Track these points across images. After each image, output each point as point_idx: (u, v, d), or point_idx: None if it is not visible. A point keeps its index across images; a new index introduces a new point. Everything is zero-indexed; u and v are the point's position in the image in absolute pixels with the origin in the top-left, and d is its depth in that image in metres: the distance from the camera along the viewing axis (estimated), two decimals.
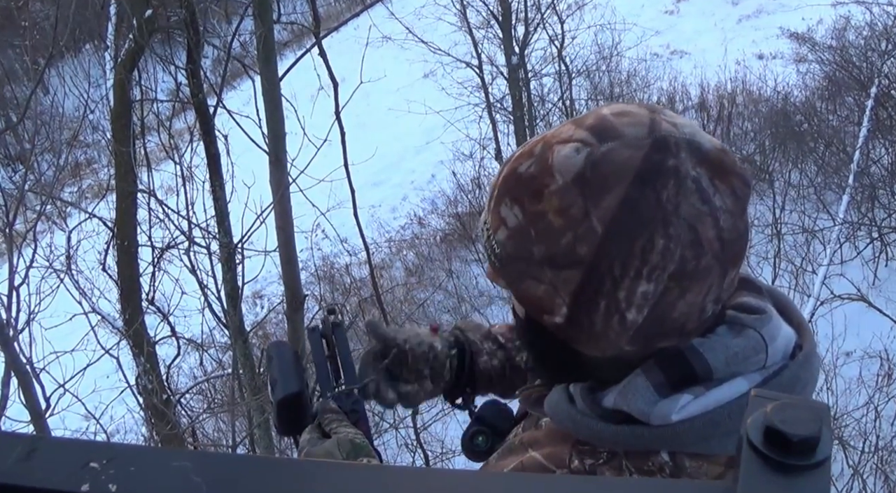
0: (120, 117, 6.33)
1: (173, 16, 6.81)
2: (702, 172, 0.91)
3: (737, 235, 0.93)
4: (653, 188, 0.90)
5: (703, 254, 0.91)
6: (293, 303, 6.11)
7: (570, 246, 0.92)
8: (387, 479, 0.54)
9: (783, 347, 1.01)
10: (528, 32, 11.89)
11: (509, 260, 0.98)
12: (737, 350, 0.97)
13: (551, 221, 0.93)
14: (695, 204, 0.90)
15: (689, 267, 0.91)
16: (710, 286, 0.93)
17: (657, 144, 0.91)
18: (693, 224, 0.90)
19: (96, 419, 6.14)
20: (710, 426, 0.95)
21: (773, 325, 1.01)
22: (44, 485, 0.51)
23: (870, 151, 10.27)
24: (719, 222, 0.91)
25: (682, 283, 0.92)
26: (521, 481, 0.59)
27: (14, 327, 5.23)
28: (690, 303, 0.93)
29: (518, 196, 0.96)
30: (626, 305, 0.92)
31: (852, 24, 12.68)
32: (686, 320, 0.95)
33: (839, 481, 6.76)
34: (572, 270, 0.92)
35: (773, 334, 1.00)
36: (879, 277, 9.45)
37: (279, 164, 5.63)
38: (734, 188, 0.93)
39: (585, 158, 0.92)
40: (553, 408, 1.05)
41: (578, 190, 0.92)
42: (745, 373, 0.98)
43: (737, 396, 0.96)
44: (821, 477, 0.51)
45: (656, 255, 0.90)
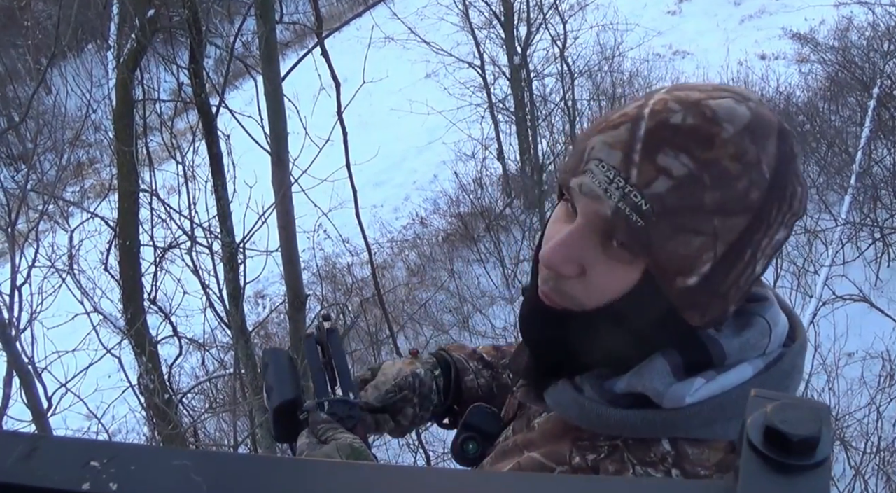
0: (122, 117, 6.33)
1: (176, 16, 6.82)
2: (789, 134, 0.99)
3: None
4: (788, 142, 0.96)
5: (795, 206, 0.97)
6: (295, 303, 6.11)
7: (745, 191, 0.93)
8: (388, 478, 0.54)
9: (781, 333, 1.04)
10: (531, 32, 11.90)
11: (667, 213, 0.92)
12: (748, 337, 1.01)
13: (727, 168, 0.92)
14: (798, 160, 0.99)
15: (801, 215, 0.98)
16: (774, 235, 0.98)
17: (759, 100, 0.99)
18: (801, 176, 0.99)
19: (98, 419, 6.14)
20: (717, 410, 0.97)
21: (775, 310, 1.04)
22: (44, 484, 0.51)
23: (872, 152, 10.26)
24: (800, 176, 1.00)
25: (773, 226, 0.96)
26: (523, 480, 0.59)
27: (16, 327, 5.24)
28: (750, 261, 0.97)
29: (683, 145, 0.92)
30: (761, 255, 0.96)
31: (855, 24, 12.67)
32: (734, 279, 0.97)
33: (841, 482, 6.75)
34: (741, 216, 0.93)
35: (776, 320, 1.03)
36: (882, 277, 9.44)
37: (281, 164, 5.62)
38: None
39: (749, 109, 0.95)
40: (557, 397, 1.04)
41: (749, 137, 0.93)
42: (749, 359, 1.01)
43: (741, 381, 0.99)
44: (821, 477, 0.51)
45: (798, 201, 0.97)
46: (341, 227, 7.21)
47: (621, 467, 0.97)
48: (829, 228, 9.24)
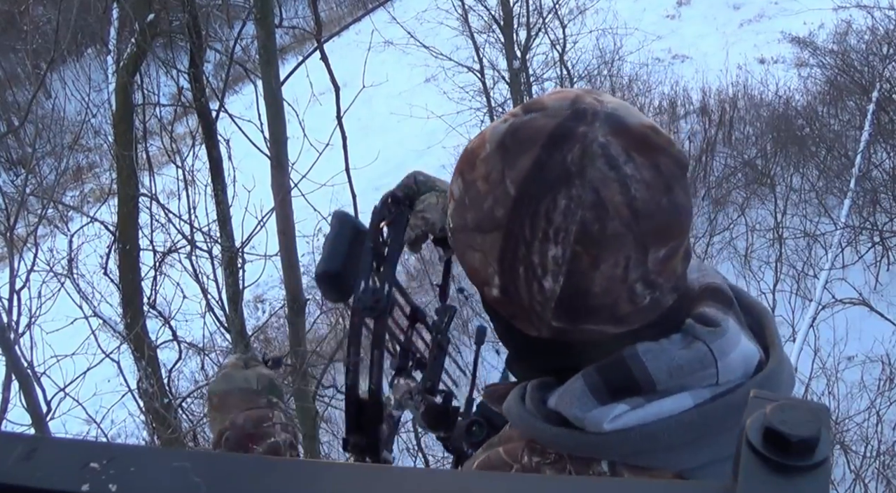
0: (122, 121, 6.33)
1: (175, 20, 6.82)
2: (613, 141, 0.91)
3: (656, 209, 0.91)
4: (559, 151, 0.91)
5: (608, 218, 0.89)
6: (294, 307, 6.10)
7: (491, 209, 0.94)
8: (387, 479, 0.54)
9: (741, 364, 0.97)
10: (530, 37, 11.91)
11: (455, 232, 1.00)
12: (681, 363, 0.94)
13: (479, 188, 0.96)
14: (600, 168, 0.90)
15: (593, 230, 0.89)
16: (626, 259, 0.91)
17: (574, 113, 0.93)
18: (596, 187, 0.89)
19: (97, 423, 6.14)
20: (647, 440, 0.93)
21: (727, 340, 0.96)
22: (44, 485, 0.52)
23: (871, 156, 10.28)
24: (630, 190, 0.90)
25: (589, 248, 0.90)
26: (521, 481, 0.59)
27: (15, 331, 5.23)
28: (609, 276, 0.91)
29: (461, 168, 1.00)
30: (541, 271, 0.92)
31: (854, 28, 12.69)
32: (614, 300, 0.93)
33: (841, 485, 6.75)
34: (494, 233, 0.94)
35: (725, 350, 0.96)
36: (881, 281, 9.45)
37: (281, 168, 5.62)
38: (657, 164, 0.92)
39: (508, 126, 0.96)
40: (507, 406, 1.05)
41: (500, 155, 0.95)
42: (693, 388, 0.95)
43: (679, 411, 0.93)
44: (820, 478, 0.51)
45: (559, 215, 0.90)
46: None
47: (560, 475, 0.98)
48: (828, 232, 9.25)
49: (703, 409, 0.94)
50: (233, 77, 9.02)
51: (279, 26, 5.82)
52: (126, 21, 6.38)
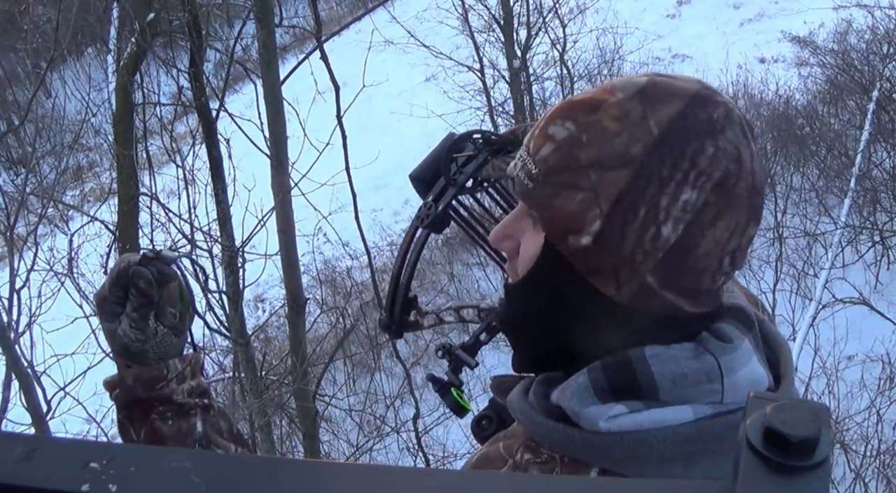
0: (122, 121, 6.34)
1: (175, 19, 6.82)
2: (740, 121, 0.95)
3: (762, 189, 0.95)
4: (705, 109, 0.93)
5: (742, 177, 0.93)
6: (294, 306, 6.11)
7: (624, 146, 0.92)
8: (387, 478, 0.54)
9: (748, 385, 0.95)
10: (530, 36, 11.90)
11: (548, 174, 0.96)
12: (687, 372, 0.93)
13: (606, 126, 0.94)
14: (737, 132, 0.93)
15: (730, 184, 0.92)
16: (737, 224, 0.93)
17: (707, 87, 0.97)
18: (737, 145, 0.93)
19: (97, 423, 6.13)
20: (641, 447, 0.92)
21: (737, 357, 0.95)
22: (44, 485, 0.52)
23: (871, 155, 10.27)
24: (754, 159, 0.94)
25: (719, 200, 0.92)
26: (520, 481, 0.59)
27: (15, 330, 5.23)
28: (717, 238, 0.92)
29: (571, 114, 0.97)
30: (664, 215, 0.91)
31: (854, 27, 12.68)
32: (706, 267, 0.93)
33: (841, 485, 6.75)
34: (621, 170, 0.92)
35: (733, 367, 0.94)
36: (881, 280, 9.45)
37: (281, 167, 5.62)
38: (759, 154, 0.97)
39: (647, 79, 0.96)
40: (510, 398, 1.04)
41: (638, 100, 0.94)
42: (696, 402, 0.93)
43: (678, 423, 0.92)
44: (820, 478, 0.51)
45: (706, 159, 0.91)
46: (341, 230, 7.21)
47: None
48: (828, 232, 9.25)
49: (702, 424, 0.92)
50: (233, 76, 9.02)
51: (279, 25, 5.82)
52: (126, 20, 6.38)
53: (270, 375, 7.10)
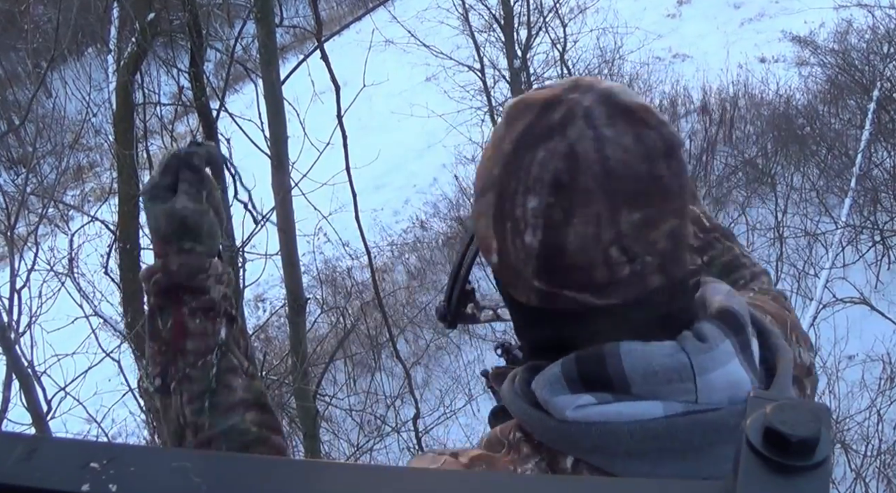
0: (122, 120, 6.34)
1: (176, 19, 6.82)
2: (598, 108, 0.95)
3: (630, 173, 0.93)
4: (548, 114, 0.96)
5: (579, 171, 0.93)
6: (295, 306, 6.11)
7: (489, 169, 1.00)
8: (387, 478, 0.54)
9: (724, 387, 0.94)
10: (531, 36, 11.91)
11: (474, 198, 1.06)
12: (657, 369, 0.93)
13: (485, 153, 1.03)
14: (579, 126, 0.94)
15: (564, 180, 0.93)
16: (597, 216, 0.93)
17: (572, 86, 0.99)
18: (572, 142, 0.94)
19: (97, 423, 6.14)
20: (608, 438, 0.92)
21: (711, 358, 0.94)
22: (44, 485, 0.52)
23: (872, 155, 10.27)
24: (605, 149, 0.93)
25: (561, 199, 0.93)
26: (520, 480, 0.59)
27: (15, 330, 5.23)
28: (582, 234, 0.93)
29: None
30: (523, 224, 0.95)
31: (854, 27, 12.69)
32: (590, 261, 0.94)
33: (841, 484, 6.76)
34: (490, 193, 0.99)
35: (707, 367, 0.93)
36: (882, 280, 9.45)
37: (281, 167, 5.62)
38: (640, 134, 0.94)
39: (518, 98, 1.03)
40: (502, 387, 1.07)
41: (504, 121, 1.01)
42: (668, 400, 0.93)
43: (646, 417, 0.92)
44: (820, 478, 0.51)
45: (536, 165, 0.94)
46: (341, 230, 7.21)
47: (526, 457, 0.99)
48: (829, 231, 9.25)
49: (672, 421, 0.92)
50: (233, 76, 9.02)
51: (279, 25, 5.82)
52: (126, 20, 6.38)
53: (271, 375, 7.10)
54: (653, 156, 0.94)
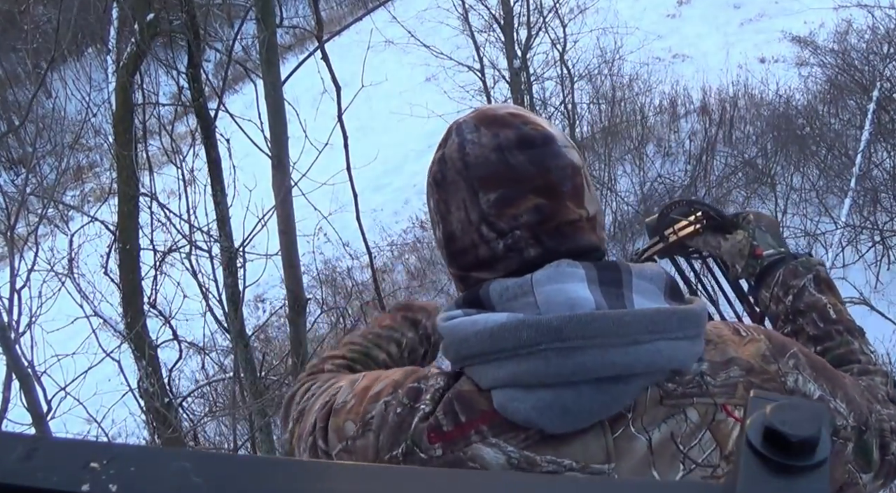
0: (122, 121, 6.33)
1: (175, 19, 6.82)
2: (469, 120, 1.19)
3: (483, 162, 1.14)
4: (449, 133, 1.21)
5: (447, 168, 1.17)
6: (295, 307, 6.12)
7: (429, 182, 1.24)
8: (388, 478, 0.54)
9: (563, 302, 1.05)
10: (531, 36, 11.90)
11: None
12: (508, 286, 1.09)
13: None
14: (453, 138, 1.19)
15: (438, 177, 1.18)
16: (464, 201, 1.15)
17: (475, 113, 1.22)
18: (444, 150, 1.19)
19: (98, 423, 6.14)
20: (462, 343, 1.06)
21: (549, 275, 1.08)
22: (44, 485, 0.51)
23: (872, 155, 10.27)
24: (465, 148, 1.16)
25: (441, 193, 1.18)
26: (523, 480, 0.59)
27: (15, 330, 5.24)
28: (459, 218, 1.16)
29: None
30: (433, 221, 1.21)
31: (854, 27, 12.68)
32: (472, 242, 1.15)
33: None
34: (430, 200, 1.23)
35: (543, 282, 1.08)
36: (882, 280, 9.44)
37: (281, 167, 5.63)
38: (497, 133, 1.15)
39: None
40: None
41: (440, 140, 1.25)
42: (514, 311, 1.06)
43: (492, 323, 1.04)
44: (820, 478, 0.51)
45: (428, 173, 1.21)
46: (341, 230, 7.21)
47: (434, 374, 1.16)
48: (829, 231, 9.25)
49: (508, 324, 1.03)
50: (233, 76, 9.03)
51: (280, 25, 5.83)
52: (126, 21, 6.38)
53: (271, 375, 7.10)
54: (504, 147, 1.14)
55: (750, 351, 1.13)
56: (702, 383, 1.07)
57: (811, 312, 1.47)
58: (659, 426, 1.05)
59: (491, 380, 1.05)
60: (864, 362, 1.42)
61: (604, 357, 1.00)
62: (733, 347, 1.13)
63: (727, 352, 1.12)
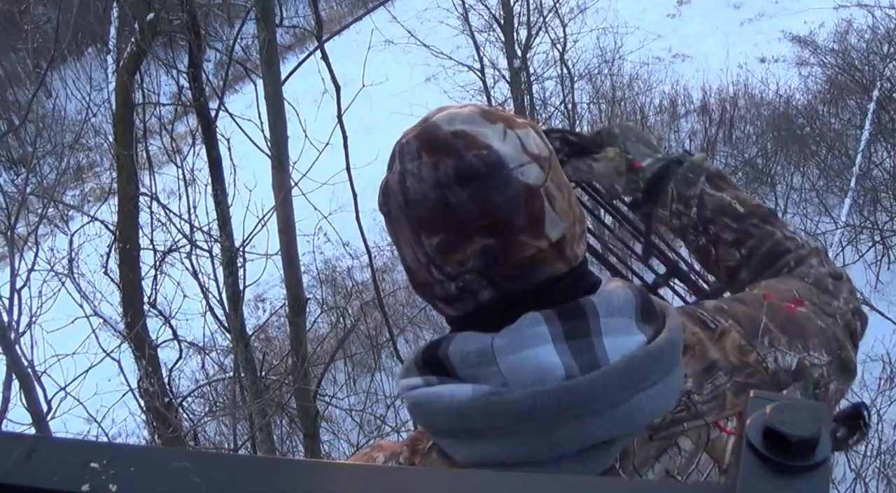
0: (122, 121, 6.33)
1: (175, 19, 6.82)
2: (413, 142, 1.03)
3: (422, 200, 1.00)
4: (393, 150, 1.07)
5: (390, 201, 1.04)
6: (295, 306, 6.11)
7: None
8: (388, 478, 0.54)
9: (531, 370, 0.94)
10: (531, 36, 11.90)
11: None
12: (469, 351, 0.97)
13: None
14: (396, 161, 1.04)
15: (384, 210, 1.06)
16: (408, 239, 1.03)
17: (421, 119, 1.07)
18: (388, 177, 1.05)
19: (98, 423, 6.14)
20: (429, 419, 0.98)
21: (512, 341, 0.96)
22: (44, 485, 0.51)
23: (872, 155, 10.28)
24: (405, 181, 1.01)
25: (390, 226, 1.06)
26: (515, 481, 0.59)
27: (16, 330, 5.24)
28: (409, 255, 1.05)
29: None
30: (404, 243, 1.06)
31: (854, 27, 12.69)
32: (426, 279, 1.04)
33: (841, 484, 6.75)
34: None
35: (507, 350, 0.95)
36: (882, 280, 9.45)
37: (281, 167, 5.63)
38: (437, 163, 0.99)
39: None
40: None
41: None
42: (479, 382, 0.96)
43: (458, 400, 0.95)
44: (820, 478, 0.51)
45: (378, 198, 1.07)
46: (341, 230, 7.21)
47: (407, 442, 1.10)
48: (829, 231, 9.25)
49: (472, 402, 0.94)
50: (233, 76, 9.03)
51: (280, 25, 5.83)
52: (126, 20, 6.38)
53: (271, 375, 7.10)
54: (444, 183, 0.98)
55: (727, 347, 1.08)
56: (689, 404, 1.01)
57: (720, 216, 1.42)
58: (653, 466, 0.99)
59: (465, 457, 0.98)
60: (793, 249, 1.37)
61: (582, 430, 0.93)
62: (710, 346, 1.07)
63: (706, 355, 1.06)
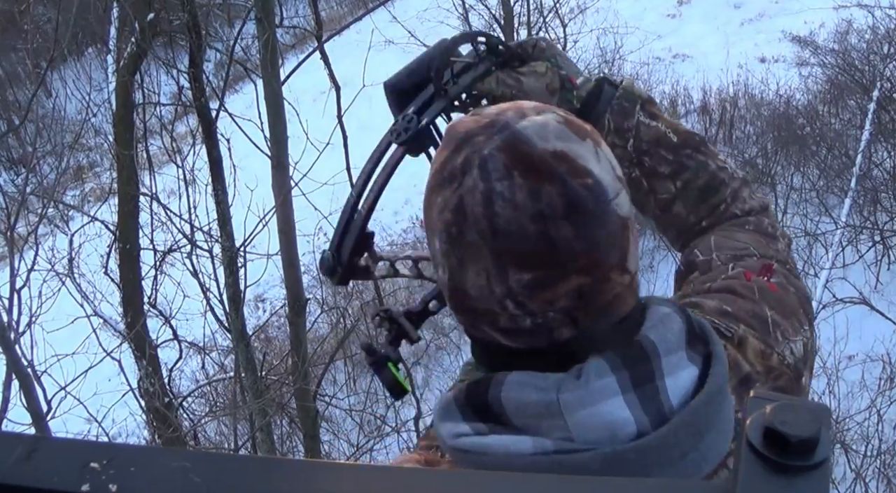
0: (122, 121, 6.34)
1: (175, 19, 6.82)
2: (498, 156, 0.89)
3: (518, 232, 0.88)
4: (458, 155, 0.92)
5: (466, 224, 0.90)
6: (295, 307, 6.12)
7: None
8: (388, 478, 0.54)
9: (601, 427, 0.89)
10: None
11: None
12: (528, 402, 0.90)
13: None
14: (473, 176, 0.90)
15: (453, 232, 0.91)
16: (486, 271, 0.90)
17: (490, 122, 0.93)
18: (463, 193, 0.90)
19: (98, 422, 6.14)
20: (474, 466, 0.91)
21: (581, 396, 0.89)
22: (44, 485, 0.51)
23: (872, 155, 10.26)
24: (493, 204, 0.88)
25: (454, 249, 0.92)
26: (516, 481, 0.59)
27: (16, 330, 5.24)
28: (476, 284, 0.91)
29: None
30: (436, 261, 0.96)
31: (854, 27, 12.68)
32: (490, 308, 0.92)
33: (841, 484, 6.75)
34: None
35: (574, 405, 0.88)
36: (882, 280, 9.44)
37: (281, 167, 5.63)
38: (539, 191, 0.88)
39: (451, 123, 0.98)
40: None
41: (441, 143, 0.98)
42: (542, 435, 0.89)
43: (513, 452, 0.89)
44: (820, 478, 0.51)
45: (436, 210, 0.93)
46: None
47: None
48: (829, 231, 9.24)
49: (535, 460, 0.88)
50: (233, 76, 9.02)
51: (280, 25, 5.83)
52: (126, 20, 6.38)
53: (271, 375, 7.10)
54: (547, 216, 0.87)
55: (751, 356, 1.08)
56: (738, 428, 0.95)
57: (655, 147, 1.39)
58: None
59: None
60: (728, 182, 1.37)
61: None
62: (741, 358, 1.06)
63: (740, 369, 1.05)
